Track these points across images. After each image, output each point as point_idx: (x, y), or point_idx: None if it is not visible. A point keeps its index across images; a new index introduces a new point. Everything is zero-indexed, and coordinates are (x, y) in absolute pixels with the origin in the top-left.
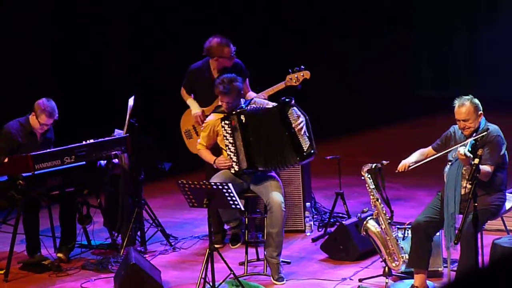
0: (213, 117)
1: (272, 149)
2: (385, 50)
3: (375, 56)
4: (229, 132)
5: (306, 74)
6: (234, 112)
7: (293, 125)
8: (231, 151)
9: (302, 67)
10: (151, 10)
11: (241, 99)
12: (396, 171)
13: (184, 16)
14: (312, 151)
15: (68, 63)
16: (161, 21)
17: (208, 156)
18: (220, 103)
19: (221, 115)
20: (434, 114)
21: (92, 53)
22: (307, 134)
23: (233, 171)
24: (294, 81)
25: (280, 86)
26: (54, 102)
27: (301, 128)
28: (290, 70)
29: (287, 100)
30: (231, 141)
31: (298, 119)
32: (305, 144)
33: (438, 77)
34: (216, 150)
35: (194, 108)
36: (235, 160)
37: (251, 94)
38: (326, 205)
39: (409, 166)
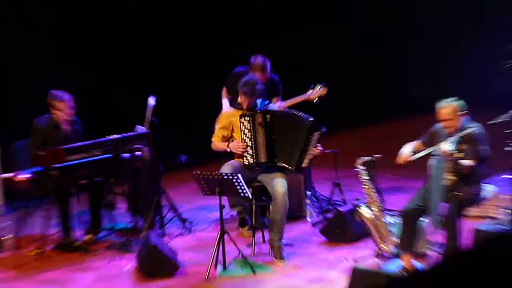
0: (229, 110)
1: (288, 149)
2: (384, 55)
3: (373, 60)
4: (248, 128)
5: (324, 91)
6: (259, 111)
7: (310, 146)
8: (247, 144)
9: (323, 83)
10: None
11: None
12: (398, 164)
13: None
14: (303, 169)
15: (95, 66)
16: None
17: (221, 145)
18: (240, 101)
19: (240, 111)
20: (423, 113)
21: (116, 57)
22: (310, 158)
23: (246, 163)
24: (313, 96)
25: (300, 98)
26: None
27: (312, 153)
28: (312, 86)
29: (321, 125)
30: (249, 136)
31: (316, 146)
32: (305, 163)
33: (428, 79)
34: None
35: (225, 106)
36: (250, 153)
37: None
38: (325, 193)
39: (409, 160)
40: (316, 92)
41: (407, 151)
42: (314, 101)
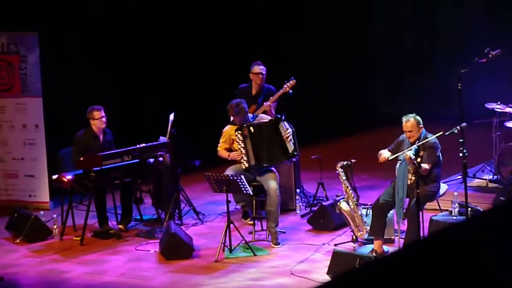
0: (228, 128)
1: (269, 151)
2: (356, 80)
3: (349, 83)
4: (241, 139)
5: (294, 82)
6: (245, 125)
7: (283, 134)
8: (242, 152)
9: (293, 77)
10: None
11: (249, 114)
12: (379, 162)
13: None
14: (295, 153)
15: (128, 89)
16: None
17: (224, 154)
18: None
19: (235, 127)
20: (389, 126)
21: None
22: (293, 141)
23: (244, 167)
24: (288, 88)
25: (280, 93)
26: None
27: (288, 137)
28: (286, 81)
29: (279, 116)
30: (243, 145)
31: (287, 130)
32: (290, 148)
33: (394, 98)
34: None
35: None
36: (245, 158)
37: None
38: (311, 191)
39: (388, 159)
40: (289, 85)
41: (385, 153)
42: (290, 92)
